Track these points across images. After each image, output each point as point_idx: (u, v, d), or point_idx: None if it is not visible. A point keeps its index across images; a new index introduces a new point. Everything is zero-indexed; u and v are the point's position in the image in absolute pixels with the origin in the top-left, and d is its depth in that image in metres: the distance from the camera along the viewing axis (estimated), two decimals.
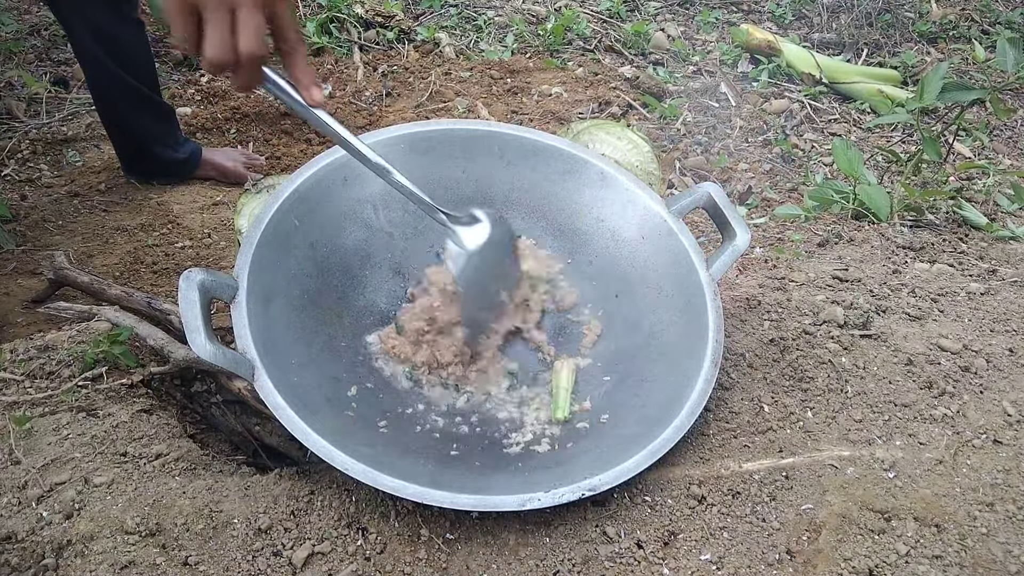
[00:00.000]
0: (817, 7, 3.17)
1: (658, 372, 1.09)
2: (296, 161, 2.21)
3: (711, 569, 0.86)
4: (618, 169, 1.24)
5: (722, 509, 0.92)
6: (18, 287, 1.64)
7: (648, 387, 1.08)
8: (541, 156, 1.24)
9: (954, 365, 1.10)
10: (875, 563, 0.85)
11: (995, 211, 1.85)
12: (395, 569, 0.86)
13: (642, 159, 1.52)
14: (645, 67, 2.79)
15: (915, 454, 0.97)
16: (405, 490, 0.87)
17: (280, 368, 0.97)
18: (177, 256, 1.79)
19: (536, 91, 2.54)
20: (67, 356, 1.14)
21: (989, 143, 2.42)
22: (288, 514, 0.91)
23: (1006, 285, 1.33)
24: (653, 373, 1.09)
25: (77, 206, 1.96)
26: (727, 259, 1.13)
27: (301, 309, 1.10)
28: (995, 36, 2.92)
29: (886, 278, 1.35)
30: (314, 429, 0.90)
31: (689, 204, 1.18)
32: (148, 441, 1.03)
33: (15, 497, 0.92)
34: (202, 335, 0.89)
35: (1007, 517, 0.89)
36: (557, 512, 0.91)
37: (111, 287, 1.39)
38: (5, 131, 2.22)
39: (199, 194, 2.07)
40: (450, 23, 3.02)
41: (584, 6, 3.16)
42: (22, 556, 0.86)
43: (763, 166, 2.25)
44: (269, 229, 1.07)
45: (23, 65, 2.53)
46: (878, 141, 2.44)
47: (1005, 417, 1.02)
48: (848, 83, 2.67)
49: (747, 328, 1.18)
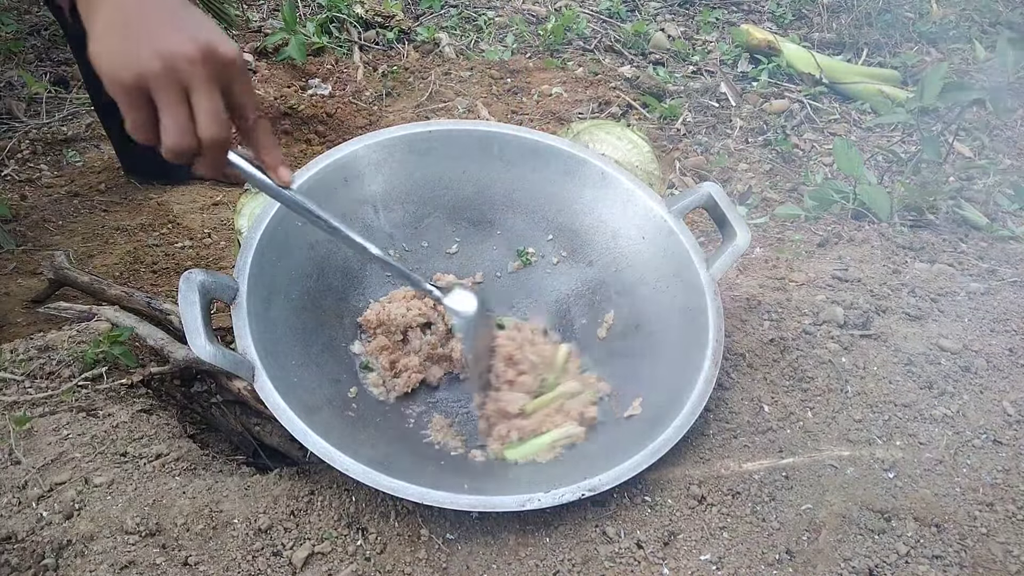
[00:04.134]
0: (817, 7, 3.17)
1: (658, 372, 1.09)
2: (296, 161, 2.21)
3: (711, 569, 0.86)
4: (618, 169, 1.24)
5: (722, 509, 0.92)
6: (18, 287, 1.64)
7: (648, 387, 1.08)
8: (541, 156, 1.24)
9: (954, 365, 1.10)
10: (875, 563, 0.85)
11: (995, 211, 1.85)
12: (395, 569, 0.86)
13: (642, 159, 1.52)
14: (645, 67, 2.78)
15: (915, 454, 0.97)
16: (405, 490, 0.87)
17: (280, 369, 0.97)
18: (177, 256, 1.79)
19: (536, 91, 2.54)
20: (67, 356, 1.14)
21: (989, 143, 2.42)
22: (288, 514, 0.91)
23: (1006, 285, 1.33)
24: (653, 373, 1.09)
25: (77, 206, 1.96)
26: (727, 259, 1.13)
27: (301, 310, 1.10)
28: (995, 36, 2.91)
29: (886, 278, 1.35)
30: (314, 429, 0.90)
31: (689, 204, 1.18)
32: (148, 441, 1.03)
33: (15, 497, 0.92)
34: (202, 336, 0.89)
35: (1007, 517, 0.89)
36: (557, 512, 0.91)
37: (111, 287, 1.39)
38: (5, 131, 2.21)
39: (199, 194, 2.07)
40: (450, 23, 3.02)
41: (584, 6, 3.16)
42: (22, 556, 0.86)
43: (763, 166, 2.25)
44: (269, 230, 1.07)
45: (23, 65, 2.53)
46: (878, 141, 2.43)
47: (1005, 417, 1.02)
48: (848, 83, 2.66)
49: (747, 328, 1.18)
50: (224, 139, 0.77)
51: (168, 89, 0.74)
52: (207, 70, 0.74)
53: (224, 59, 0.76)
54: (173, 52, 0.72)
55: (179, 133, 0.75)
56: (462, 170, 1.24)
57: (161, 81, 0.73)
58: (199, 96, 0.75)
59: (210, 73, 0.74)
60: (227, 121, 0.78)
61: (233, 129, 0.82)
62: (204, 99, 0.75)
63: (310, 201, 0.91)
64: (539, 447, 1.02)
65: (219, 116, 0.76)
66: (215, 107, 0.76)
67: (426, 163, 1.23)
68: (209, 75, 0.74)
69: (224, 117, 0.77)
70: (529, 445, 1.03)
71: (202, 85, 0.74)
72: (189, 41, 0.73)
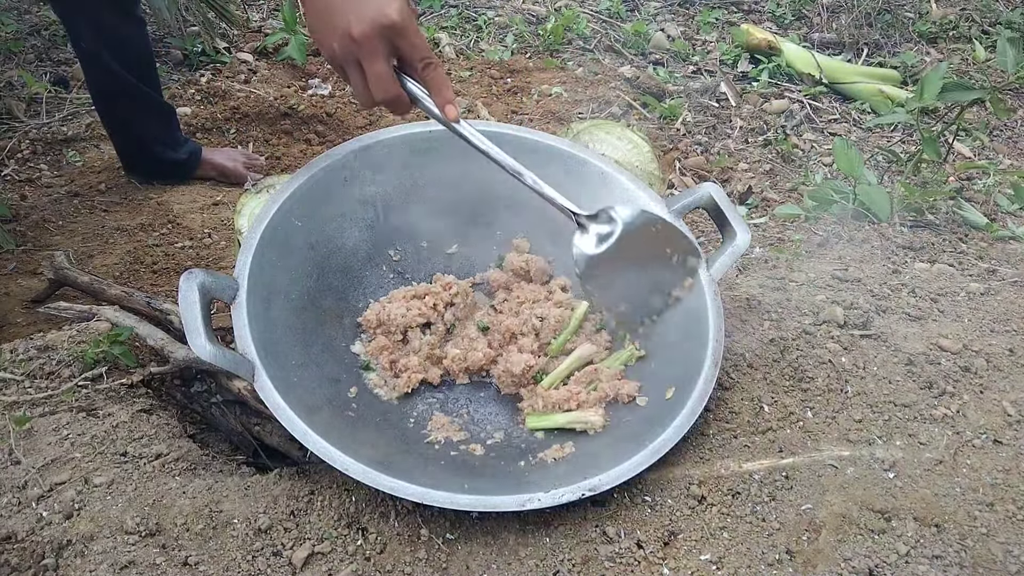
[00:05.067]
0: (817, 7, 3.17)
1: (658, 372, 1.09)
2: (296, 161, 2.21)
3: (711, 569, 0.86)
4: (618, 169, 1.24)
5: (722, 509, 0.92)
6: (18, 287, 1.64)
7: (648, 387, 1.08)
8: (541, 156, 1.24)
9: (954, 365, 1.10)
10: (875, 563, 0.85)
11: (995, 211, 1.85)
12: (395, 569, 0.86)
13: (642, 159, 1.52)
14: (645, 67, 2.78)
15: (915, 454, 0.97)
16: (405, 490, 0.87)
17: (280, 369, 0.97)
18: (177, 256, 1.79)
19: (536, 91, 2.54)
20: (67, 356, 1.14)
21: (989, 143, 2.42)
22: (288, 514, 0.91)
23: (1006, 285, 1.33)
24: (653, 373, 1.09)
25: (77, 206, 1.96)
26: (727, 259, 1.13)
27: (301, 310, 1.10)
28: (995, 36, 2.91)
29: (886, 278, 1.35)
30: (314, 429, 0.90)
31: (689, 204, 1.18)
32: (148, 441, 1.03)
33: (15, 497, 0.92)
34: (202, 336, 0.89)
35: (1007, 517, 0.89)
36: (557, 512, 0.91)
37: (111, 287, 1.39)
38: (5, 131, 2.21)
39: (199, 194, 2.07)
40: (450, 23, 3.02)
41: (584, 6, 3.16)
42: (22, 556, 0.86)
43: (763, 166, 2.25)
44: (269, 230, 1.07)
45: (23, 65, 2.53)
46: (878, 141, 2.43)
47: (1005, 417, 1.02)
48: (848, 83, 2.66)
49: (747, 328, 1.18)
50: (392, 96, 0.96)
51: (347, 63, 0.95)
52: (369, 44, 0.92)
53: (384, 27, 0.91)
54: (344, 32, 0.91)
55: (360, 95, 0.97)
56: (462, 170, 1.24)
57: (341, 58, 0.94)
58: (366, 65, 0.94)
59: (372, 45, 0.92)
60: (391, 81, 0.95)
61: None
62: (369, 67, 0.94)
63: (477, 134, 1.04)
64: (554, 423, 1.05)
65: (382, 80, 0.94)
66: (379, 73, 0.94)
67: (426, 163, 1.23)
68: (372, 47, 0.92)
69: (388, 78, 0.95)
70: (547, 419, 1.06)
71: (367, 57, 0.93)
72: (356, 22, 0.90)
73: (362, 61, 0.93)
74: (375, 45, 0.92)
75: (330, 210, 1.17)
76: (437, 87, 1.00)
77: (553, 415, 1.06)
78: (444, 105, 1.01)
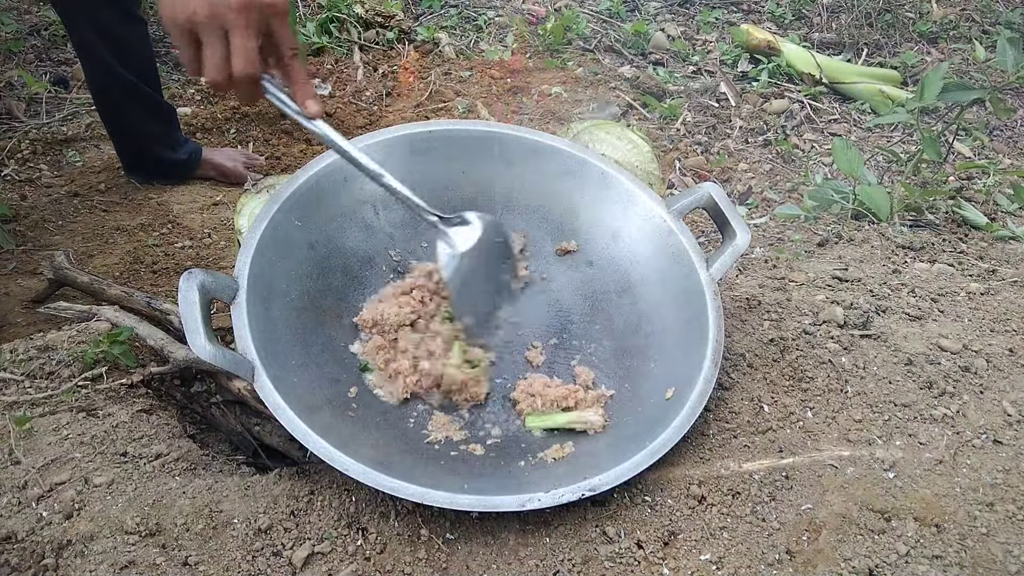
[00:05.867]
0: (817, 7, 3.17)
1: (658, 372, 1.09)
2: (296, 161, 2.21)
3: (711, 569, 0.86)
4: (618, 169, 1.24)
5: (722, 509, 0.92)
6: (18, 287, 1.64)
7: (648, 387, 1.08)
8: (541, 156, 1.24)
9: (954, 365, 1.10)
10: (875, 563, 0.85)
11: (995, 211, 1.85)
12: (395, 569, 0.86)
13: (642, 159, 1.52)
14: (645, 67, 2.79)
15: (915, 454, 0.97)
16: (405, 490, 0.87)
17: (280, 369, 0.97)
18: (177, 256, 1.79)
19: (536, 91, 2.54)
20: (67, 356, 1.14)
21: (989, 143, 2.42)
22: (288, 514, 0.91)
23: (1006, 285, 1.33)
24: (653, 373, 1.09)
25: (77, 206, 1.96)
26: (727, 259, 1.13)
27: (301, 310, 1.10)
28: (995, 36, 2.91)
29: (886, 278, 1.35)
30: (314, 429, 0.90)
31: (689, 204, 1.18)
32: (148, 441, 1.03)
33: (15, 497, 0.92)
34: (202, 336, 0.89)
35: (1007, 517, 0.89)
36: (557, 512, 0.91)
37: (111, 287, 1.39)
38: (5, 131, 2.21)
39: (199, 194, 2.07)
40: (450, 23, 3.02)
41: (584, 6, 3.16)
42: (22, 556, 0.86)
43: (763, 166, 2.25)
44: (269, 230, 1.07)
45: (23, 65, 2.53)
46: (878, 141, 2.43)
47: (1005, 417, 1.02)
48: (848, 83, 2.67)
49: (747, 328, 1.18)
50: (251, 74, 0.88)
51: (210, 30, 0.86)
52: (245, 15, 0.85)
53: (268, 4, 0.87)
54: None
55: (216, 69, 0.87)
56: (462, 170, 1.24)
57: (205, 23, 0.85)
58: (234, 37, 0.86)
59: (248, 18, 0.85)
60: (256, 59, 0.88)
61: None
62: (240, 39, 0.86)
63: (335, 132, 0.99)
64: (554, 423, 1.05)
65: (249, 55, 0.87)
66: (248, 47, 0.87)
67: (426, 163, 1.23)
68: (247, 20, 0.85)
69: (254, 56, 0.88)
70: (547, 418, 1.06)
71: (238, 28, 0.86)
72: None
73: (230, 31, 0.86)
74: (252, 18, 0.86)
75: (330, 210, 1.17)
76: (301, 79, 0.95)
77: (553, 415, 1.06)
78: (305, 99, 0.96)
